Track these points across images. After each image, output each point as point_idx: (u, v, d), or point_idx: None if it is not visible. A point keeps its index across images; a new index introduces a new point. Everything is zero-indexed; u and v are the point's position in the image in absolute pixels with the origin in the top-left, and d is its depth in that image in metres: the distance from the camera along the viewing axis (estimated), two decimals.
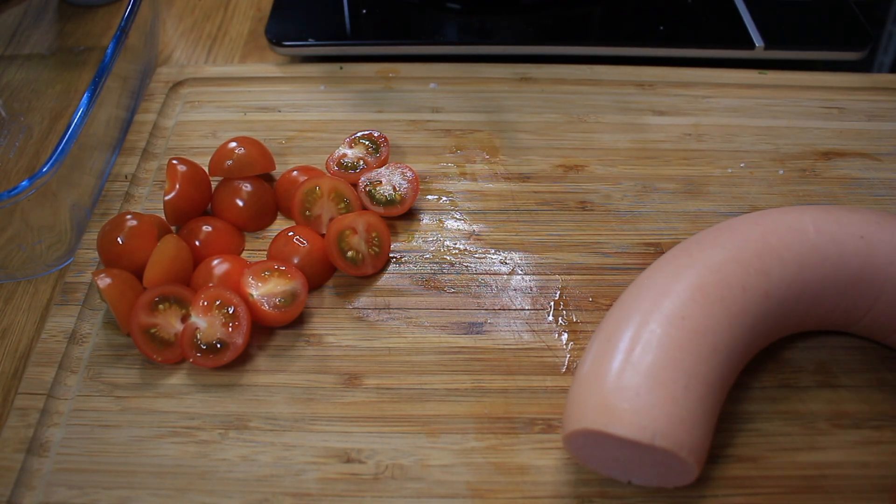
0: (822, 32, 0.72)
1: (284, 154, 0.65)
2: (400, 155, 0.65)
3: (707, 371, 0.42)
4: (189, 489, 0.46)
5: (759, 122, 0.67)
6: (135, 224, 0.54)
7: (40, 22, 0.79)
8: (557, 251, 0.58)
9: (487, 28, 0.74)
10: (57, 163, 0.52)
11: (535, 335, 0.53)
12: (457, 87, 0.70)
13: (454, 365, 0.51)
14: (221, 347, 0.50)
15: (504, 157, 0.65)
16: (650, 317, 0.44)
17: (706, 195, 0.61)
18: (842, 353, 0.52)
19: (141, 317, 0.50)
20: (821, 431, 0.48)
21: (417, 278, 0.56)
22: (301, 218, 0.57)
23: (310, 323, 0.54)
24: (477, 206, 0.61)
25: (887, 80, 0.71)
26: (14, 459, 0.47)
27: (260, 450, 0.48)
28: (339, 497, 0.46)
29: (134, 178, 0.63)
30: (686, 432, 0.40)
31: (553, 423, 0.49)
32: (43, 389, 0.50)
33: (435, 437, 0.48)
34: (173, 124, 0.68)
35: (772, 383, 0.50)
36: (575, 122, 0.67)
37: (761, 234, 0.47)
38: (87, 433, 0.48)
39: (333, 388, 0.50)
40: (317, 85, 0.71)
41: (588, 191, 0.62)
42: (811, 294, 0.47)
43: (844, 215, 0.48)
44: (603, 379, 0.42)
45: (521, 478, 0.46)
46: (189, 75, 0.71)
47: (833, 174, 0.63)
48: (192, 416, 0.49)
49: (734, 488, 0.46)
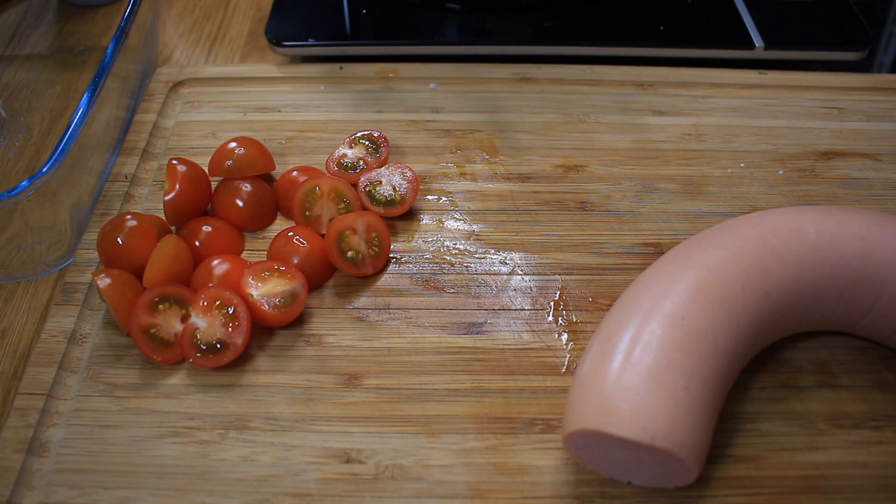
0: (822, 32, 0.72)
1: (284, 154, 0.65)
2: (400, 155, 0.65)
3: (707, 371, 0.42)
4: (189, 489, 0.46)
5: (759, 122, 0.67)
6: (135, 224, 0.54)
7: (40, 22, 0.79)
8: (557, 251, 0.58)
9: (487, 28, 0.74)
10: (57, 163, 0.52)
11: (535, 335, 0.53)
12: (457, 87, 0.70)
13: (454, 365, 0.51)
14: (221, 347, 0.50)
15: (504, 158, 0.65)
16: (650, 317, 0.44)
17: (706, 195, 0.61)
18: (842, 353, 0.52)
19: (141, 317, 0.50)
20: (821, 431, 0.48)
21: (417, 278, 0.56)
22: (301, 218, 0.57)
23: (310, 323, 0.54)
24: (477, 206, 0.61)
25: (887, 80, 0.70)
26: (14, 459, 0.47)
27: (260, 450, 0.48)
28: (339, 497, 0.46)
29: (134, 178, 0.63)
30: (686, 432, 0.40)
31: (553, 423, 0.49)
32: (43, 389, 0.50)
33: (435, 437, 0.48)
34: (173, 124, 0.68)
35: (772, 383, 0.50)
36: (575, 122, 0.67)
37: (761, 235, 0.47)
38: (87, 433, 0.48)
39: (333, 388, 0.50)
40: (317, 85, 0.71)
41: (588, 191, 0.62)
42: (811, 295, 0.47)
43: (844, 216, 0.48)
44: (603, 379, 0.42)
45: (521, 478, 0.46)
46: (189, 75, 0.71)
47: (833, 174, 0.63)
48: (192, 417, 0.49)
49: (734, 488, 0.46)
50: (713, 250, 0.47)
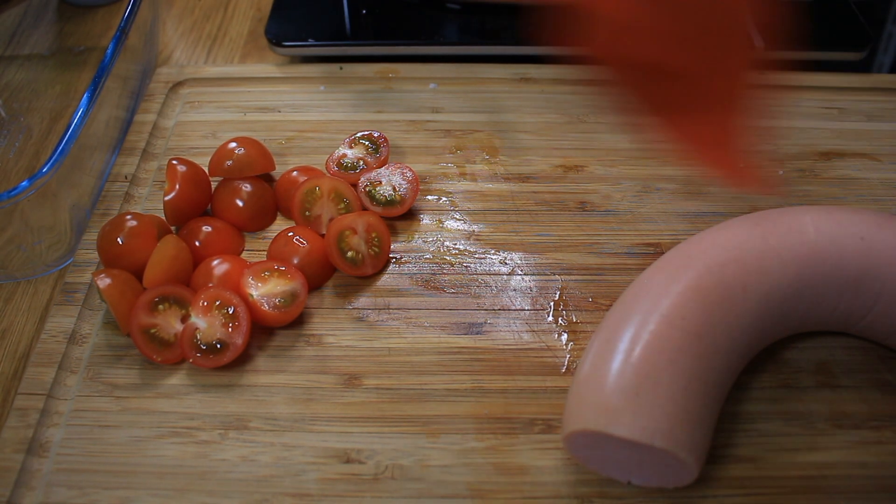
0: (822, 32, 0.72)
1: (284, 154, 0.65)
2: (400, 155, 0.65)
3: (707, 371, 0.42)
4: (189, 489, 0.46)
5: (759, 122, 0.67)
6: (135, 224, 0.54)
7: (40, 22, 0.79)
8: (557, 251, 0.58)
9: (487, 28, 0.74)
10: (57, 163, 0.52)
11: (535, 335, 0.53)
12: (457, 88, 0.70)
13: (454, 365, 0.51)
14: (221, 347, 0.50)
15: (504, 158, 0.65)
16: (650, 317, 0.44)
17: (706, 195, 0.61)
18: (842, 353, 0.52)
19: (141, 317, 0.50)
20: (821, 431, 0.48)
21: (417, 278, 0.56)
22: (301, 218, 0.57)
23: (310, 323, 0.54)
24: (477, 206, 0.61)
25: (887, 81, 0.70)
26: (14, 459, 0.47)
27: (260, 450, 0.48)
28: (339, 497, 0.46)
29: (134, 178, 0.63)
30: (686, 432, 0.40)
31: (553, 423, 0.49)
32: (43, 390, 0.50)
33: (435, 437, 0.48)
34: (173, 124, 0.68)
35: (772, 383, 0.50)
36: (575, 122, 0.67)
37: (761, 235, 0.47)
38: (87, 433, 0.48)
39: (333, 388, 0.50)
40: (316, 85, 0.71)
41: (588, 191, 0.62)
42: (811, 295, 0.47)
43: (844, 216, 0.48)
44: (603, 379, 0.42)
45: (520, 478, 0.46)
46: (189, 75, 0.71)
47: (833, 174, 0.63)
48: (192, 417, 0.49)
49: (734, 488, 0.46)
50: (713, 250, 0.47)
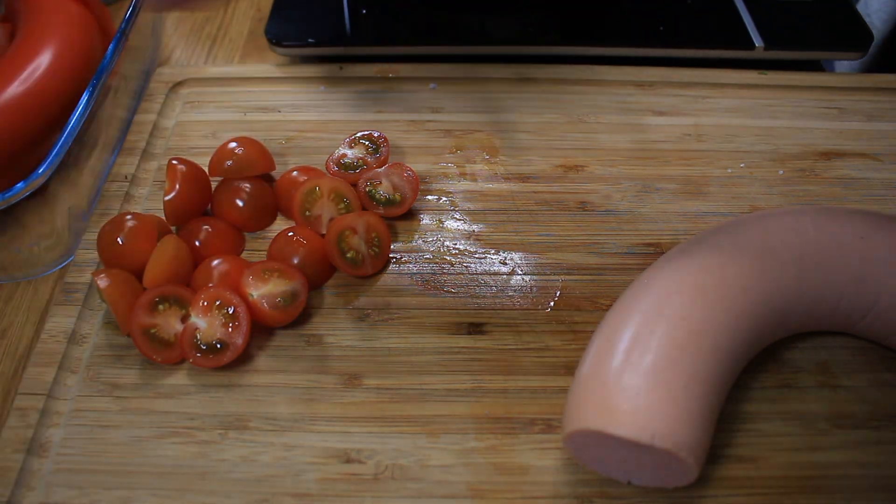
0: (822, 32, 0.72)
1: (284, 154, 0.65)
2: (400, 155, 0.65)
3: (707, 371, 0.42)
4: (189, 489, 0.46)
5: (758, 123, 0.67)
6: (135, 224, 0.54)
7: None
8: (557, 251, 0.58)
9: (487, 28, 0.74)
10: (53, 163, 0.52)
11: (535, 335, 0.53)
12: (457, 87, 0.70)
13: (454, 365, 0.51)
14: (221, 347, 0.50)
15: (504, 158, 0.65)
16: (650, 317, 0.44)
17: (706, 195, 0.61)
18: (842, 353, 0.52)
19: (141, 317, 0.50)
20: (821, 431, 0.48)
21: (417, 278, 0.56)
22: (301, 218, 0.57)
23: (310, 323, 0.54)
24: (477, 206, 0.61)
25: (887, 80, 0.70)
26: (14, 460, 0.47)
27: (260, 450, 0.48)
28: (339, 497, 0.46)
29: (134, 178, 0.63)
30: (686, 432, 0.40)
31: (553, 423, 0.49)
32: (43, 390, 0.50)
33: (435, 437, 0.48)
34: (173, 124, 0.68)
35: (772, 383, 0.50)
36: (575, 122, 0.67)
37: (761, 235, 0.47)
38: (87, 433, 0.48)
39: (333, 388, 0.50)
40: (316, 85, 0.71)
41: (588, 191, 0.62)
42: (811, 295, 0.47)
43: (844, 216, 0.48)
44: (603, 379, 0.42)
45: (521, 478, 0.46)
46: (189, 75, 0.71)
47: (833, 174, 0.63)
48: (192, 417, 0.49)
49: (734, 488, 0.46)
50: (713, 250, 0.47)
